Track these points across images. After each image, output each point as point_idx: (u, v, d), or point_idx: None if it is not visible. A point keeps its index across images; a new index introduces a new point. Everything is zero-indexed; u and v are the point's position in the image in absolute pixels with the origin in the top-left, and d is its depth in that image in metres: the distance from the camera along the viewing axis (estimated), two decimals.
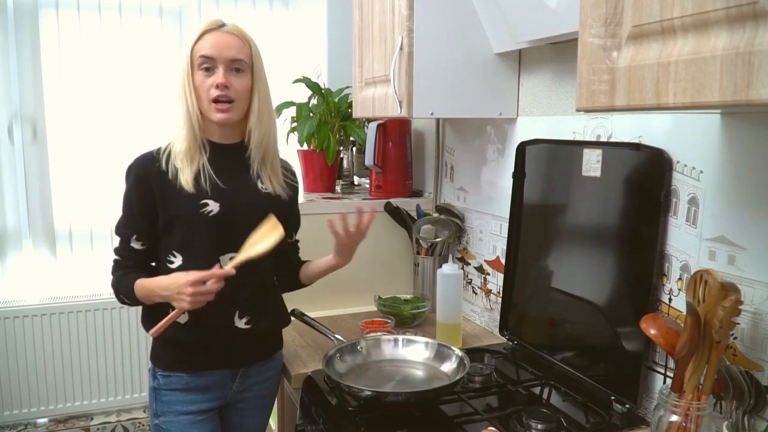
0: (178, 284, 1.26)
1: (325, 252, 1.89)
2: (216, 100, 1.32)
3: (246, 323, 1.39)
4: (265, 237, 1.33)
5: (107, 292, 3.03)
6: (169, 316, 1.29)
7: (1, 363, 2.87)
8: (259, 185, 1.41)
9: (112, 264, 1.41)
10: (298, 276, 1.56)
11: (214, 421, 1.45)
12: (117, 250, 1.41)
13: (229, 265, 1.28)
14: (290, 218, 1.52)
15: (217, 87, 1.31)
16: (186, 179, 1.33)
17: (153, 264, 1.43)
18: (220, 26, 1.34)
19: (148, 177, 1.34)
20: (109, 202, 2.95)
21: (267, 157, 1.42)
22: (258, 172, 1.42)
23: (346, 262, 1.51)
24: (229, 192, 1.37)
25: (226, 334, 1.38)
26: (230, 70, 1.32)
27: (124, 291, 1.37)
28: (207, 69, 1.32)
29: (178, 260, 1.36)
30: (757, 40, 0.62)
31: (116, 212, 1.41)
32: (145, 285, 1.34)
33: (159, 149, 1.38)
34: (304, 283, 1.57)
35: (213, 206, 1.35)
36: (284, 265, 1.54)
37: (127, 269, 1.38)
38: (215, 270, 1.26)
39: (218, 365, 1.42)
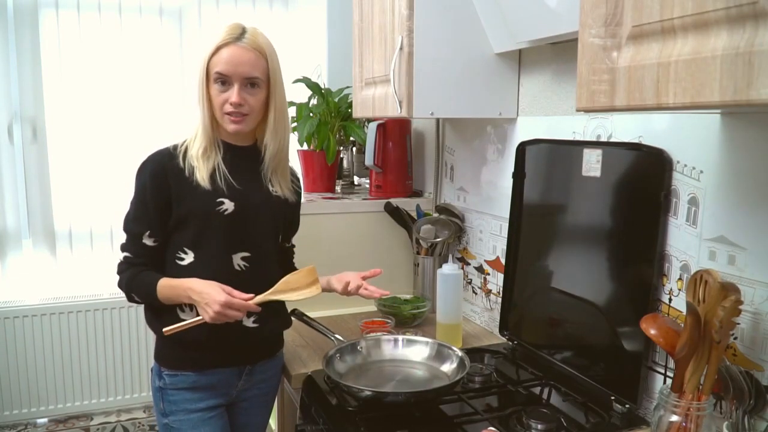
0: (212, 296, 1.28)
1: (322, 252, 1.90)
2: (230, 113, 1.34)
3: (254, 322, 1.40)
4: (302, 288, 1.39)
5: (107, 292, 3.05)
6: (192, 321, 1.31)
7: (1, 363, 2.87)
8: (270, 188, 1.44)
9: (120, 261, 1.39)
10: None
11: (223, 418, 1.46)
12: (126, 247, 1.39)
13: (254, 301, 1.32)
14: (292, 223, 1.55)
15: (231, 104, 1.32)
16: (202, 177, 1.35)
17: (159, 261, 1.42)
18: (238, 38, 1.32)
19: (165, 172, 1.35)
20: (109, 202, 2.95)
21: (280, 165, 1.45)
22: (269, 177, 1.44)
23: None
24: (244, 192, 1.39)
25: (235, 333, 1.38)
26: (245, 86, 1.33)
27: (138, 289, 1.37)
28: (222, 83, 1.33)
29: (189, 257, 1.37)
30: (757, 40, 0.62)
31: (117, 212, 1.42)
32: (174, 284, 1.34)
33: (176, 146, 1.39)
34: None
35: (228, 205, 1.36)
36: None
37: (139, 267, 1.37)
38: (248, 303, 1.31)
39: (225, 363, 1.42)
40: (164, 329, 1.31)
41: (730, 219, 1.08)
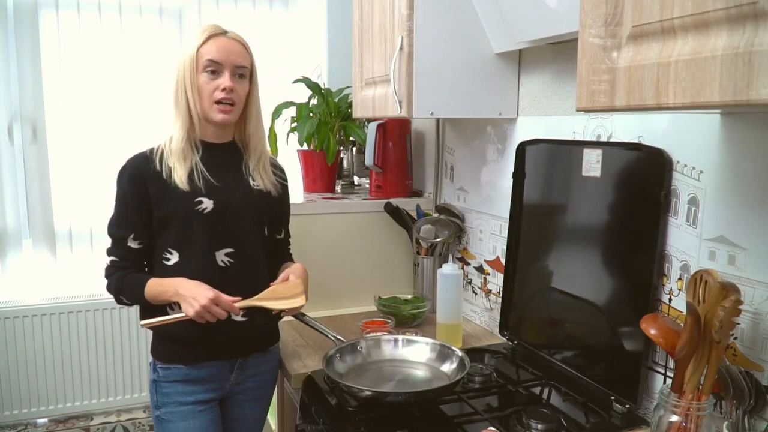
0: (198, 292, 1.30)
1: (322, 252, 1.90)
2: (219, 101, 1.37)
3: (243, 316, 1.42)
4: (288, 298, 1.40)
5: (107, 293, 3.05)
6: (173, 317, 1.33)
7: (1, 363, 2.87)
8: (251, 182, 1.46)
9: (108, 265, 1.43)
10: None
11: (214, 412, 1.48)
12: (112, 252, 1.42)
13: (239, 304, 1.34)
14: (281, 214, 1.57)
15: (223, 90, 1.36)
16: (180, 177, 1.37)
17: (145, 263, 1.45)
18: (224, 32, 1.39)
19: (142, 176, 1.38)
20: (109, 202, 2.94)
21: (261, 157, 1.49)
22: (250, 171, 1.47)
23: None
24: (223, 189, 1.41)
25: (224, 327, 1.40)
26: (234, 75, 1.38)
27: (127, 291, 1.40)
28: (213, 72, 1.36)
29: (174, 257, 1.40)
30: (757, 40, 0.62)
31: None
32: (161, 282, 1.37)
33: (152, 150, 1.42)
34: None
35: (207, 203, 1.39)
36: (271, 260, 1.56)
37: (127, 270, 1.41)
38: (231, 303, 1.32)
39: (215, 357, 1.45)
40: (142, 321, 1.35)
41: (730, 219, 1.08)
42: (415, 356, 1.47)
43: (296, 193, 1.89)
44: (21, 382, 2.92)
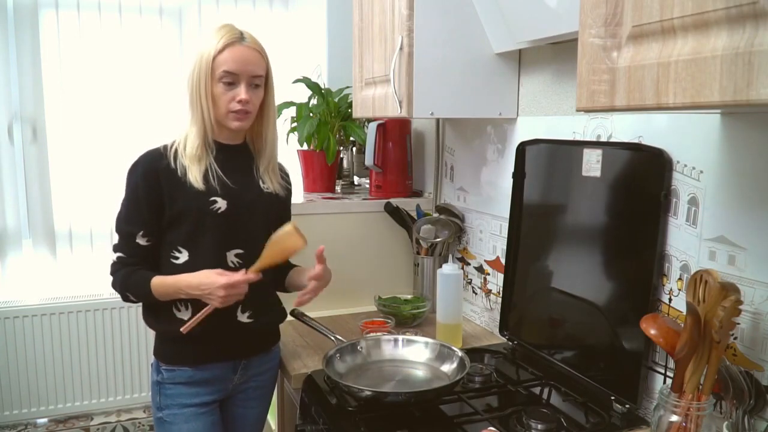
0: (213, 285, 1.31)
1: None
2: (234, 111, 1.37)
3: (248, 317, 1.43)
4: (289, 247, 1.39)
5: (107, 292, 3.05)
6: (202, 312, 1.34)
7: (1, 363, 2.87)
8: (261, 184, 1.47)
9: (114, 261, 1.41)
10: (283, 279, 1.59)
11: (215, 414, 1.48)
12: (119, 248, 1.40)
13: (251, 270, 1.35)
14: (283, 217, 1.57)
15: (239, 102, 1.35)
16: (195, 177, 1.37)
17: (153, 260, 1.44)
18: (241, 39, 1.36)
19: (156, 172, 1.37)
20: (109, 202, 2.95)
21: (271, 160, 1.49)
22: (260, 173, 1.48)
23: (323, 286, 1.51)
24: (236, 190, 1.41)
25: (229, 328, 1.41)
26: (250, 86, 1.37)
27: (133, 288, 1.38)
28: (229, 83, 1.35)
29: (183, 256, 1.39)
30: (757, 40, 0.62)
31: (117, 212, 1.42)
32: (168, 282, 1.36)
33: (166, 146, 1.41)
34: (287, 288, 1.59)
35: (221, 204, 1.38)
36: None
37: (133, 266, 1.39)
38: (245, 275, 1.33)
39: (221, 358, 1.45)
40: (181, 328, 1.34)
41: (730, 219, 1.08)
42: (415, 356, 1.47)
43: (296, 193, 1.89)
44: (21, 382, 2.92)
